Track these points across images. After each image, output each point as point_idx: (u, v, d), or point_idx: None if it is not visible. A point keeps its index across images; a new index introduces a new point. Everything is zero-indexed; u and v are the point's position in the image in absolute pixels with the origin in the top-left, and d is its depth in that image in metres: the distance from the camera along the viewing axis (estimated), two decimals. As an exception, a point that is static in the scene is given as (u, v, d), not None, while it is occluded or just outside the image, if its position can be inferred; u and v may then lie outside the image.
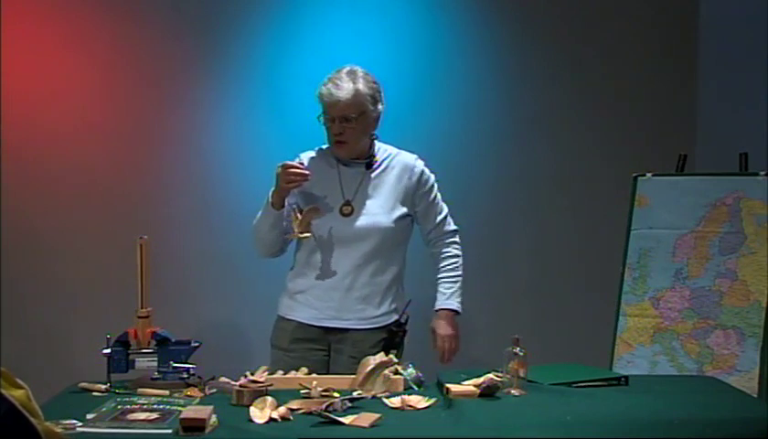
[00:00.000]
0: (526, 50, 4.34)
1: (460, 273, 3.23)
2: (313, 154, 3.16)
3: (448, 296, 3.19)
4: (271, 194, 3.02)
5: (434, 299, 3.21)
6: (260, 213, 3.08)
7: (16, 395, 1.65)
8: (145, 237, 2.78)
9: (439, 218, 3.22)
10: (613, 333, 3.54)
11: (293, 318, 3.11)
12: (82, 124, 4.17)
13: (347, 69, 3.08)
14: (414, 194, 3.14)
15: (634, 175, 3.62)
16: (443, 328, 3.16)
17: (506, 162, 4.35)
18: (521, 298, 4.35)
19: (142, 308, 2.74)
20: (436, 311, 3.19)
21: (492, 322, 4.18)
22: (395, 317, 3.11)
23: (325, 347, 3.09)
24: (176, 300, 3.91)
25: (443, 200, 3.23)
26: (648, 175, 3.60)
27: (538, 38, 4.34)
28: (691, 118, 4.37)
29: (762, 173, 3.40)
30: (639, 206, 3.58)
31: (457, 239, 3.27)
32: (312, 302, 3.08)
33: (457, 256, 3.25)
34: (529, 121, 4.35)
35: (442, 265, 3.23)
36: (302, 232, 2.99)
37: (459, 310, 3.19)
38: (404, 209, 3.11)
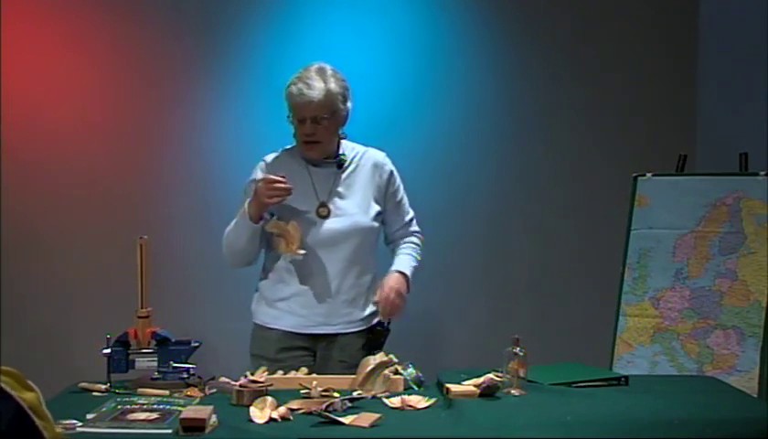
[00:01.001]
0: (526, 50, 4.34)
1: (418, 254, 3.16)
2: (278, 155, 3.10)
3: (404, 262, 3.10)
4: (247, 206, 2.93)
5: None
6: (233, 226, 3.00)
7: (26, 398, 1.65)
8: (145, 237, 2.78)
9: (407, 217, 3.17)
10: (613, 333, 3.54)
11: (276, 327, 3.02)
12: (82, 124, 4.17)
13: (316, 67, 3.01)
14: (386, 192, 3.09)
15: (634, 175, 3.62)
16: (393, 281, 3.02)
17: (506, 162, 4.35)
18: (521, 298, 4.34)
19: (142, 308, 2.74)
20: (389, 272, 3.08)
21: (492, 322, 4.18)
22: (377, 318, 3.07)
23: (311, 353, 3.04)
24: (175, 300, 3.91)
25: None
26: (648, 175, 3.60)
27: (538, 38, 4.34)
28: (691, 118, 4.37)
29: (762, 173, 3.40)
30: (639, 206, 3.58)
31: (420, 233, 3.21)
32: (297, 310, 3.00)
33: (418, 244, 3.18)
34: (529, 121, 4.35)
35: (402, 245, 3.16)
36: (299, 249, 2.92)
37: (409, 275, 3.06)
38: (378, 207, 3.07)
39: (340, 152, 3.08)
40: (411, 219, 3.19)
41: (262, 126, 4.17)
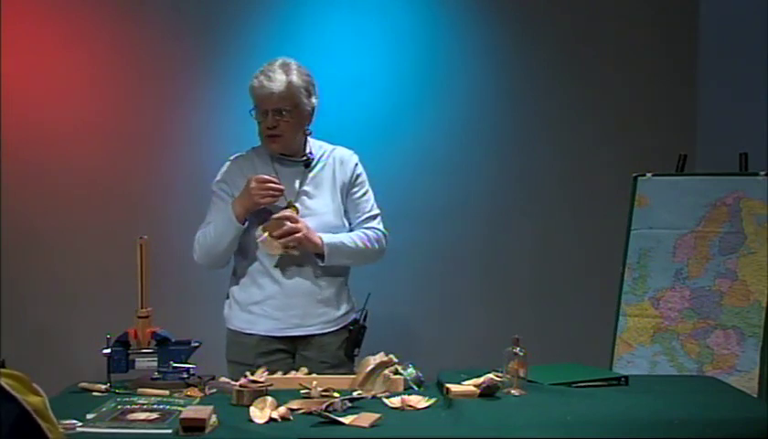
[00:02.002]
0: (526, 50, 4.34)
1: (360, 241, 2.99)
2: (244, 154, 3.08)
3: (332, 236, 2.95)
4: (233, 207, 2.92)
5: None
6: (215, 227, 2.97)
7: (32, 401, 1.64)
8: (145, 237, 2.78)
9: (367, 214, 3.05)
10: (613, 333, 3.54)
11: (253, 332, 2.98)
12: (82, 124, 4.17)
13: (280, 61, 2.99)
14: (348, 186, 3.04)
15: (634, 175, 3.62)
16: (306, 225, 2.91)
17: (506, 162, 4.35)
18: (521, 298, 4.35)
19: (142, 308, 2.74)
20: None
21: (492, 322, 4.18)
22: (353, 316, 3.06)
23: (290, 355, 3.02)
24: (175, 300, 3.91)
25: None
26: (648, 175, 3.60)
27: (539, 38, 4.34)
28: (691, 118, 4.37)
29: (762, 173, 3.40)
30: (639, 206, 3.58)
31: (379, 232, 3.06)
32: (272, 313, 2.97)
33: (365, 236, 3.01)
34: (529, 121, 4.35)
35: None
36: (292, 248, 2.88)
37: (325, 242, 2.92)
38: (344, 205, 3.04)
39: (307, 151, 3.05)
40: (372, 217, 3.07)
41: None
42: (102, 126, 4.18)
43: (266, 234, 2.89)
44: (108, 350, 2.66)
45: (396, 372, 2.61)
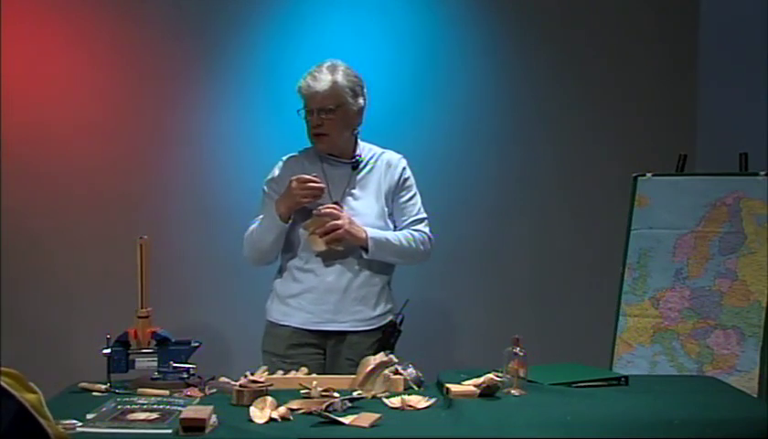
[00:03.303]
0: (526, 50, 4.34)
1: (405, 240, 3.05)
2: (296, 154, 3.14)
3: (377, 231, 3.01)
4: (276, 206, 2.98)
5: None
6: (260, 224, 3.04)
7: (28, 399, 1.66)
8: (145, 237, 2.78)
9: (413, 218, 3.11)
10: (613, 333, 3.54)
11: (287, 324, 3.06)
12: (82, 124, 4.17)
13: (329, 63, 3.06)
14: (394, 190, 3.10)
15: (634, 175, 3.62)
16: (348, 217, 2.97)
17: (506, 162, 4.35)
18: (521, 298, 4.35)
19: (142, 308, 2.74)
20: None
21: (492, 322, 4.18)
22: (389, 318, 3.09)
23: (321, 350, 3.06)
24: (175, 300, 3.91)
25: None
26: (648, 175, 3.60)
27: (539, 38, 4.34)
28: (691, 118, 4.37)
29: (762, 173, 3.40)
30: (639, 206, 3.58)
31: (425, 235, 3.12)
32: (306, 306, 3.03)
33: (412, 237, 3.07)
34: (530, 121, 4.36)
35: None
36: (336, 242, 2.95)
37: (371, 236, 2.98)
38: (389, 208, 3.10)
39: (356, 153, 3.10)
40: (419, 220, 3.13)
41: (262, 126, 4.18)
42: (102, 126, 4.18)
43: (309, 232, 2.97)
44: (108, 350, 2.66)
45: (396, 372, 2.61)
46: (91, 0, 4.17)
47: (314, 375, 2.74)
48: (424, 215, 3.16)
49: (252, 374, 2.62)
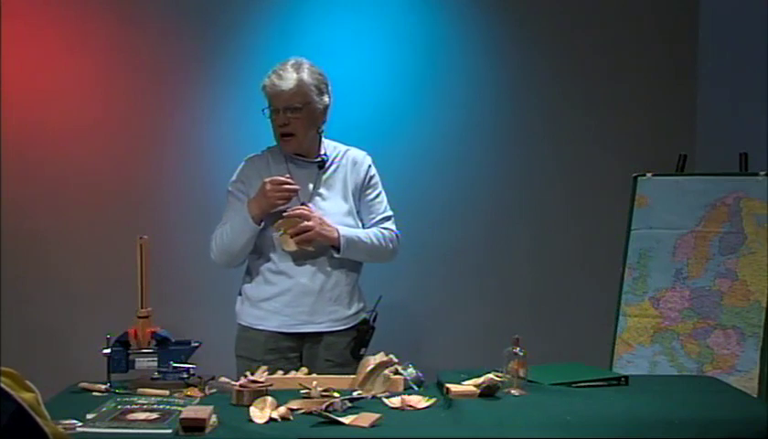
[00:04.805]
0: (526, 50, 4.34)
1: (375, 238, 3.03)
2: (259, 154, 3.11)
3: (347, 230, 2.99)
4: (250, 208, 2.95)
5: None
6: (232, 227, 3.00)
7: (25, 398, 1.66)
8: (145, 237, 2.78)
9: (379, 216, 3.09)
10: (613, 333, 3.54)
11: (262, 328, 3.02)
12: (82, 124, 4.17)
13: (293, 60, 3.02)
14: (360, 188, 3.07)
15: (634, 175, 3.62)
16: (319, 217, 2.95)
17: (506, 162, 4.35)
18: (521, 298, 4.34)
19: (142, 308, 2.73)
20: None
21: (492, 322, 4.18)
22: (363, 316, 3.08)
23: (298, 353, 3.04)
24: (175, 300, 3.91)
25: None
26: (648, 175, 3.60)
27: (538, 38, 4.34)
28: (691, 118, 4.37)
29: (762, 173, 3.40)
30: (639, 206, 3.58)
31: (393, 233, 3.09)
32: (282, 309, 3.00)
33: (381, 235, 3.04)
34: (530, 121, 4.35)
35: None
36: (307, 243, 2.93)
37: (343, 235, 2.96)
38: (356, 206, 3.07)
39: (321, 152, 3.07)
40: (385, 218, 3.10)
41: (262, 126, 4.16)
42: (102, 126, 4.18)
43: (280, 232, 2.94)
44: (108, 350, 2.66)
45: (396, 372, 2.61)
46: (91, 0, 4.17)
47: (313, 375, 2.74)
48: (391, 213, 3.13)
49: (252, 374, 2.62)
